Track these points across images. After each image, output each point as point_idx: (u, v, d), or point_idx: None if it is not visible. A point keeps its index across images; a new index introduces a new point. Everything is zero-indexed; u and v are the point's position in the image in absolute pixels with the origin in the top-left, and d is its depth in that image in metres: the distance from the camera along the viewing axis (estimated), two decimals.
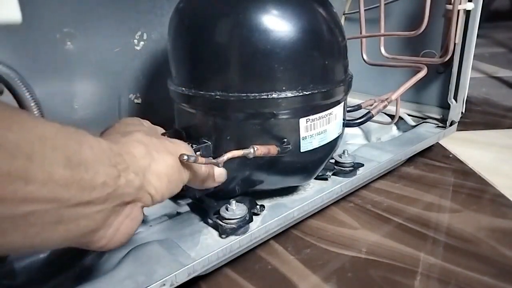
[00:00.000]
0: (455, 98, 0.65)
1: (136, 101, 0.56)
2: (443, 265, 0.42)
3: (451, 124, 0.66)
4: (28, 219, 0.21)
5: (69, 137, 0.24)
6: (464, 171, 0.63)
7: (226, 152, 0.37)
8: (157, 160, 0.30)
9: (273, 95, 0.37)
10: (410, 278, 0.40)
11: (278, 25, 0.36)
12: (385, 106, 0.51)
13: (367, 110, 0.50)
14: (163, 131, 0.39)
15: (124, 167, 0.27)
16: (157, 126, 0.39)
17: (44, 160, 0.21)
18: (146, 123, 0.37)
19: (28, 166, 0.20)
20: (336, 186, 0.48)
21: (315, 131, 0.41)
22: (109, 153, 0.26)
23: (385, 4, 0.65)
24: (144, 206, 0.30)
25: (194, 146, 0.39)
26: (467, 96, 0.66)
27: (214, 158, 0.37)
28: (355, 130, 0.68)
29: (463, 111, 0.66)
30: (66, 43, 0.47)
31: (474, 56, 0.63)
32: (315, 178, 0.48)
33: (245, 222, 0.39)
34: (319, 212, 0.51)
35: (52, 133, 0.22)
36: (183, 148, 0.33)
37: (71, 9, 0.46)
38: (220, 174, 0.37)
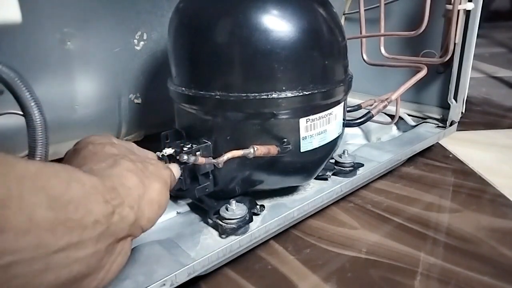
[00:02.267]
0: (455, 98, 0.65)
1: (136, 101, 0.56)
2: (443, 265, 0.42)
3: (451, 124, 0.66)
4: (9, 271, 0.19)
5: (54, 175, 0.22)
6: (464, 171, 0.63)
7: (226, 152, 0.37)
8: (148, 188, 0.28)
9: (273, 95, 0.37)
10: (410, 278, 0.40)
11: (278, 25, 0.36)
12: (385, 106, 0.51)
13: (367, 110, 0.50)
14: (134, 145, 0.36)
15: (119, 202, 0.25)
16: (128, 142, 0.36)
17: (22, 204, 0.20)
18: (116, 140, 0.34)
19: (3, 213, 0.19)
20: (336, 186, 0.48)
21: (315, 131, 0.41)
22: (102, 189, 0.24)
23: (385, 4, 0.65)
24: (134, 238, 0.28)
25: (194, 146, 0.39)
26: (467, 96, 0.66)
27: (214, 158, 0.37)
28: (355, 130, 0.68)
29: (463, 111, 0.66)
30: (66, 43, 0.47)
31: (474, 56, 0.63)
32: (315, 178, 0.48)
33: (245, 222, 0.39)
34: (319, 212, 0.51)
35: (32, 173, 0.21)
36: (161, 167, 0.32)
37: (71, 9, 0.46)
38: (177, 173, 0.35)
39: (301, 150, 0.41)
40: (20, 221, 0.19)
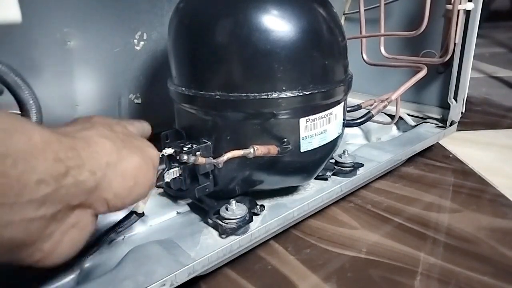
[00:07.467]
0: (455, 98, 0.65)
1: (136, 101, 0.56)
2: (443, 265, 0.42)
3: (451, 124, 0.66)
4: None
5: None
6: (464, 171, 0.63)
7: (226, 152, 0.37)
8: (125, 158, 0.25)
9: (273, 95, 0.37)
10: (410, 278, 0.40)
11: (278, 25, 0.36)
12: (385, 106, 0.51)
13: (367, 110, 0.50)
14: (131, 123, 0.34)
15: (77, 164, 0.22)
16: (127, 120, 0.33)
17: None
18: (116, 120, 0.32)
19: None
20: (336, 186, 0.48)
21: (315, 131, 0.41)
22: (56, 146, 0.21)
23: (385, 4, 0.65)
24: (97, 213, 0.25)
25: (194, 146, 0.39)
26: (467, 96, 0.66)
27: (214, 158, 0.37)
28: (355, 130, 0.68)
29: (463, 111, 0.66)
30: (66, 43, 0.47)
31: (474, 56, 0.63)
32: (315, 178, 0.48)
33: (245, 222, 0.39)
34: (319, 212, 0.51)
35: None
36: (149, 146, 0.30)
37: (71, 9, 0.46)
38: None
39: (301, 150, 0.41)
40: None
